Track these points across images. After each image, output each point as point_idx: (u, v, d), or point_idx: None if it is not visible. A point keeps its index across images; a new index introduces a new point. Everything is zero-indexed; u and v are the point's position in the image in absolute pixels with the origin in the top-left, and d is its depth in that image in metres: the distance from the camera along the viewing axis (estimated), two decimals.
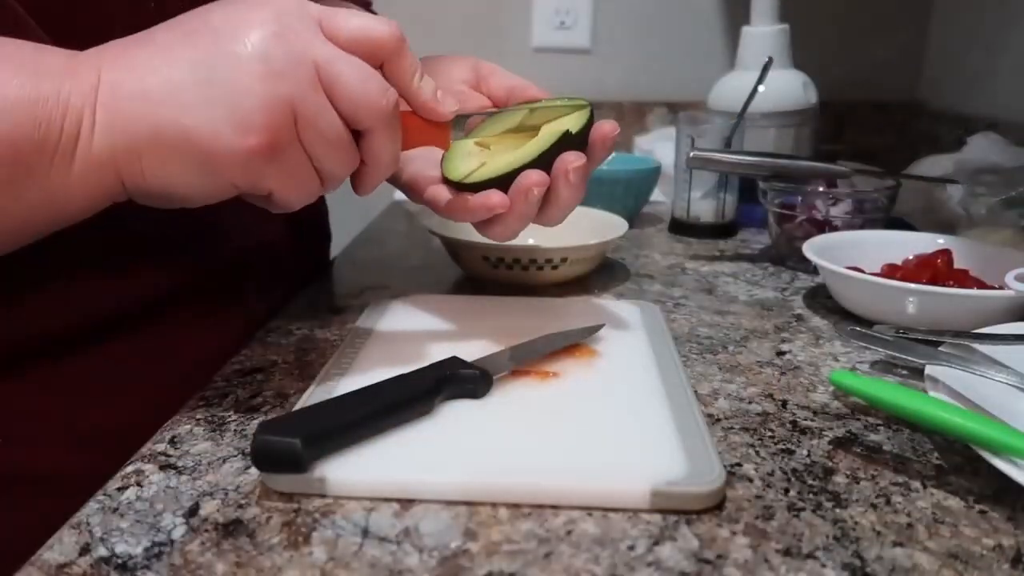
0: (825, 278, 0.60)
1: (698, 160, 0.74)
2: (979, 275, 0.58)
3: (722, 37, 1.23)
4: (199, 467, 0.37)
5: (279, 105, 0.34)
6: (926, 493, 0.35)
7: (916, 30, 1.24)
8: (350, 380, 0.44)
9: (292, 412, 0.39)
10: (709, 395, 0.45)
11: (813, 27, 1.01)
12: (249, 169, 0.35)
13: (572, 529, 0.32)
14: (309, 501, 0.34)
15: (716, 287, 0.66)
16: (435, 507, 0.34)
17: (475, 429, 0.39)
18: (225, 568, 0.30)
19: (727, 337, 0.54)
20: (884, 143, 1.24)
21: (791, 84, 0.87)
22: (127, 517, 0.33)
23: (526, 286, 0.63)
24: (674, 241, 0.83)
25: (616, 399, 0.42)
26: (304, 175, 0.37)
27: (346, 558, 0.30)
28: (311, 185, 0.38)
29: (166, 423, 0.41)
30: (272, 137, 0.34)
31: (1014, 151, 0.78)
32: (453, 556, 0.30)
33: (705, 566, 0.30)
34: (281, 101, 0.34)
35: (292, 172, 0.37)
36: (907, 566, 0.30)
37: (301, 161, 0.37)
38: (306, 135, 0.36)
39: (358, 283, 0.66)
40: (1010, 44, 1.02)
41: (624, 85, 1.25)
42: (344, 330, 0.54)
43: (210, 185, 0.36)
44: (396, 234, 0.87)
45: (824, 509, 0.34)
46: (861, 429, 0.41)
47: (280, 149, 0.35)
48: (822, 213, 0.72)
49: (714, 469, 0.35)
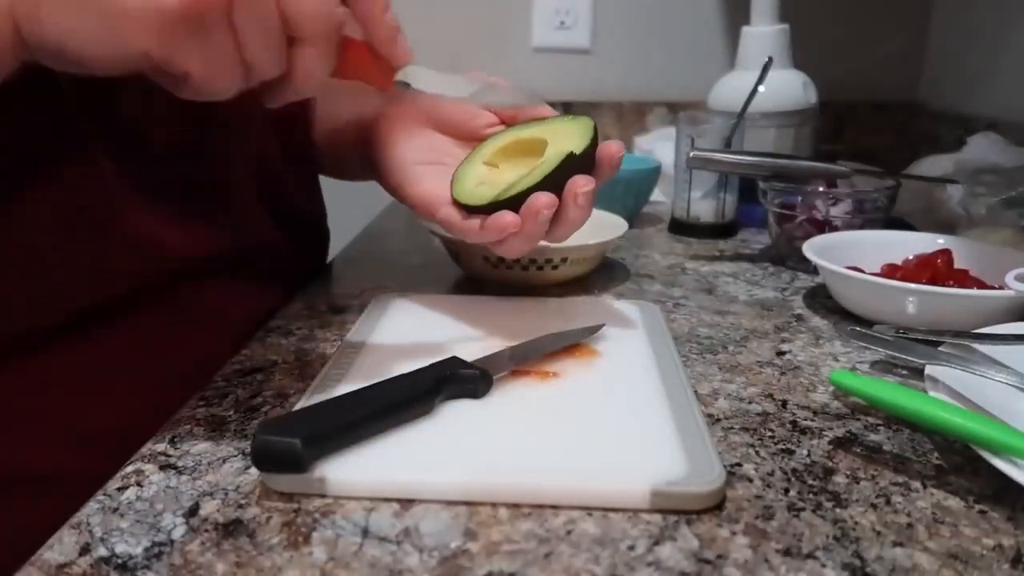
0: (825, 278, 0.60)
1: (698, 160, 0.74)
2: (979, 275, 0.58)
3: (722, 37, 1.23)
4: (199, 467, 0.37)
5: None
6: (926, 493, 0.35)
7: (916, 30, 1.24)
8: (350, 380, 0.44)
9: (292, 412, 0.39)
10: (709, 395, 0.45)
11: (813, 27, 1.01)
12: (166, 35, 0.31)
13: (572, 529, 0.32)
14: (309, 501, 0.34)
15: (716, 287, 0.66)
16: (435, 507, 0.34)
17: (475, 429, 0.39)
18: (225, 568, 0.30)
19: (727, 337, 0.54)
20: (884, 143, 1.25)
21: (791, 84, 0.87)
22: (127, 517, 0.33)
23: (526, 286, 0.63)
24: (674, 241, 0.83)
25: (616, 399, 0.42)
26: (228, 60, 0.33)
27: (346, 558, 0.30)
28: (235, 73, 0.34)
29: (166, 423, 0.41)
30: (194, 4, 0.31)
31: (1014, 151, 0.78)
32: (453, 556, 0.30)
33: (705, 566, 0.30)
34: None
35: (216, 53, 0.33)
36: (907, 566, 0.30)
37: (226, 43, 0.33)
38: (239, 15, 0.32)
39: (358, 283, 0.66)
40: (1010, 44, 1.02)
41: (624, 85, 1.25)
42: (344, 330, 0.54)
43: (115, 45, 0.32)
44: (396, 234, 0.87)
45: (824, 509, 0.34)
46: (861, 429, 0.41)
47: (205, 20, 0.31)
48: (822, 213, 0.72)
49: (714, 469, 0.35)
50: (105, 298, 0.45)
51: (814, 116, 0.88)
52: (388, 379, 0.40)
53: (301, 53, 0.35)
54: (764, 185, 0.75)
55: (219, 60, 0.33)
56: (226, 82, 0.34)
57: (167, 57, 0.32)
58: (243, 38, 0.33)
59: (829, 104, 0.96)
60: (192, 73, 0.33)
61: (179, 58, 0.32)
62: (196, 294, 0.50)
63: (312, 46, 0.35)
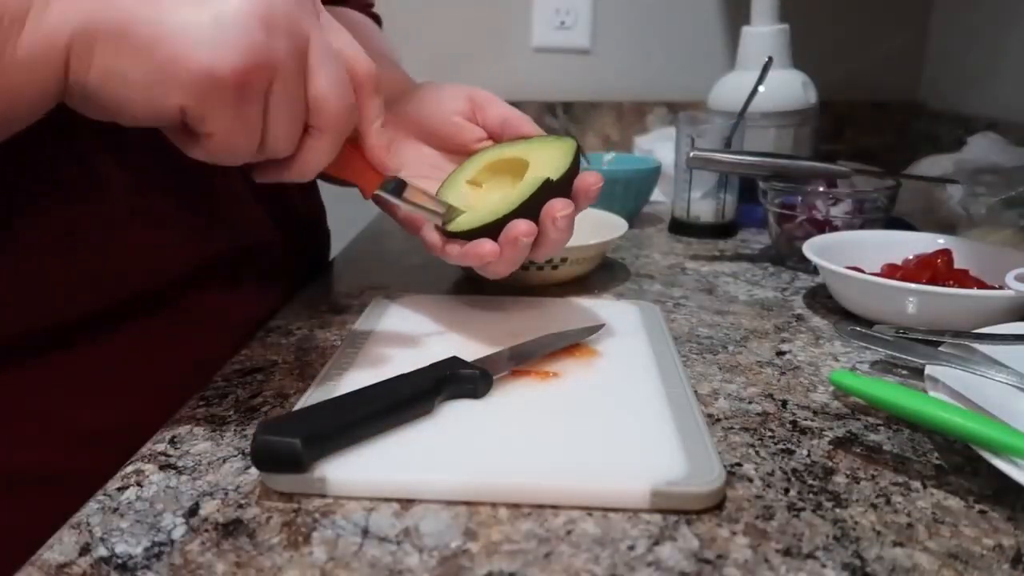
0: (825, 278, 0.60)
1: (698, 160, 0.74)
2: (979, 275, 0.58)
3: (722, 37, 1.23)
4: (199, 467, 0.37)
5: (265, 51, 0.33)
6: (926, 493, 0.35)
7: (916, 30, 1.24)
8: (350, 380, 0.44)
9: (292, 412, 0.39)
10: (709, 395, 0.45)
11: (813, 27, 1.01)
12: (206, 97, 0.33)
13: (572, 529, 0.32)
14: (309, 501, 0.34)
15: (716, 287, 0.66)
16: (435, 507, 0.34)
17: (475, 429, 0.39)
18: (225, 568, 0.30)
19: (727, 337, 0.54)
20: (884, 143, 1.25)
21: (791, 84, 0.87)
22: (127, 517, 0.33)
23: (526, 286, 0.63)
24: (674, 241, 0.83)
25: (616, 399, 0.42)
26: (252, 131, 0.35)
27: (346, 558, 0.30)
28: (251, 146, 0.36)
29: (166, 423, 0.41)
30: (246, 75, 0.33)
31: (1014, 151, 0.78)
32: (453, 556, 0.30)
33: (705, 566, 0.30)
34: (268, 48, 0.33)
35: (243, 123, 0.34)
36: (907, 566, 0.30)
37: (256, 117, 0.35)
38: (274, 96, 0.35)
39: (358, 283, 0.66)
40: (1010, 44, 1.02)
41: (624, 85, 1.25)
42: (344, 330, 0.54)
43: (156, 101, 0.33)
44: (396, 234, 0.87)
45: (824, 509, 0.34)
46: (861, 429, 0.41)
47: (246, 92, 0.33)
48: (822, 213, 0.72)
49: (714, 469, 0.35)
50: (105, 303, 0.45)
51: (814, 116, 0.88)
52: (388, 379, 0.40)
53: (313, 141, 0.37)
54: (764, 185, 0.75)
55: (245, 129, 0.35)
56: (242, 150, 0.36)
57: (199, 118, 0.34)
58: (271, 115, 0.35)
59: (829, 104, 0.96)
60: (216, 135, 0.35)
61: (210, 120, 0.34)
62: (196, 295, 0.50)
63: (325, 139, 0.37)
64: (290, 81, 0.35)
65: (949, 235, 0.66)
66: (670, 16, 1.23)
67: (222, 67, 0.32)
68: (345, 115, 0.37)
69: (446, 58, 1.22)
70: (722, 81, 0.91)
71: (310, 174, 0.39)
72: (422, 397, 0.39)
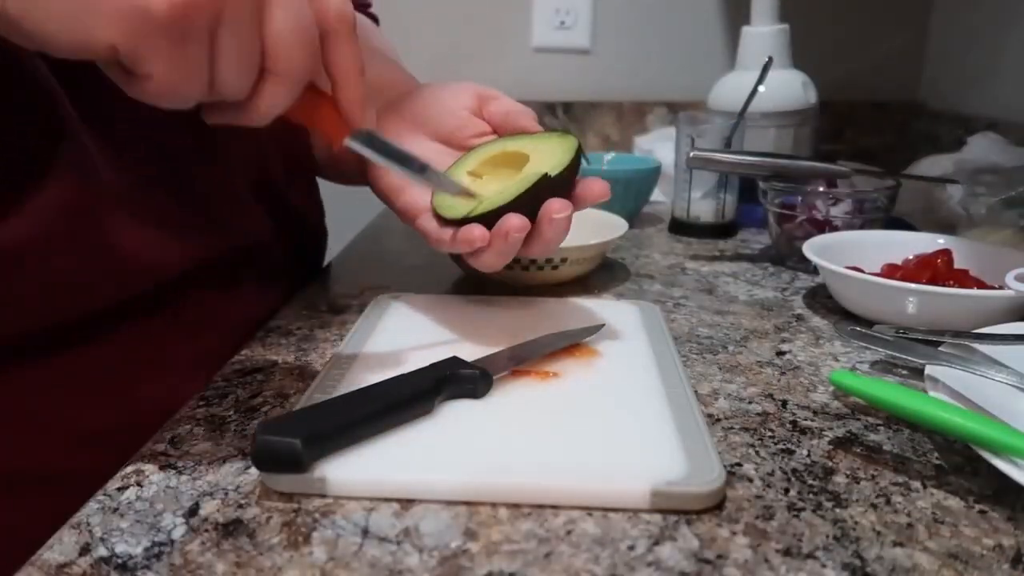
0: (825, 278, 0.60)
1: (698, 160, 0.74)
2: (979, 275, 0.58)
3: (722, 37, 1.23)
4: (199, 467, 0.37)
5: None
6: (926, 493, 0.35)
7: (916, 30, 1.24)
8: (350, 380, 0.44)
9: (292, 412, 0.39)
10: (709, 395, 0.45)
11: (813, 27, 1.01)
12: (139, 34, 0.29)
13: (572, 529, 0.32)
14: (309, 501, 0.34)
15: (716, 287, 0.66)
16: (435, 507, 0.34)
17: (475, 429, 0.39)
18: (225, 568, 0.30)
19: (727, 337, 0.54)
20: (884, 143, 1.25)
21: (791, 84, 0.87)
22: (127, 517, 0.33)
23: (526, 286, 0.63)
24: (674, 241, 0.83)
25: (616, 399, 0.42)
26: (196, 74, 0.32)
27: (346, 558, 0.30)
28: (195, 90, 0.32)
29: (166, 423, 0.41)
30: (184, 11, 0.29)
31: (1014, 151, 0.78)
32: (453, 556, 0.30)
33: (705, 566, 0.30)
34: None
35: (185, 64, 0.31)
36: (907, 566, 0.30)
37: (200, 56, 0.31)
38: (222, 35, 0.31)
39: (358, 283, 0.66)
40: (1010, 44, 1.02)
41: (624, 85, 1.25)
42: (344, 330, 0.54)
43: (81, 32, 0.29)
44: (396, 234, 0.87)
45: (824, 509, 0.34)
46: (861, 429, 0.41)
47: (186, 31, 0.30)
48: (822, 213, 0.72)
49: (714, 469, 0.35)
50: (105, 304, 0.45)
51: (814, 116, 0.88)
52: (388, 379, 0.40)
53: (268, 86, 0.34)
54: (764, 185, 0.75)
55: (187, 70, 0.31)
56: (186, 92, 0.32)
57: (134, 56, 0.30)
58: (219, 56, 0.32)
59: (829, 104, 0.96)
60: (155, 76, 0.31)
61: (147, 59, 0.30)
62: (196, 295, 0.50)
63: (281, 83, 0.34)
64: (240, 19, 0.31)
65: (949, 235, 0.66)
66: (670, 16, 1.23)
67: (152, 4, 0.29)
68: (303, 60, 0.34)
69: (446, 58, 1.22)
70: (722, 81, 0.91)
71: (264, 119, 0.36)
72: (422, 397, 0.39)
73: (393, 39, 0.78)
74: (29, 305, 0.43)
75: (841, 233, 0.69)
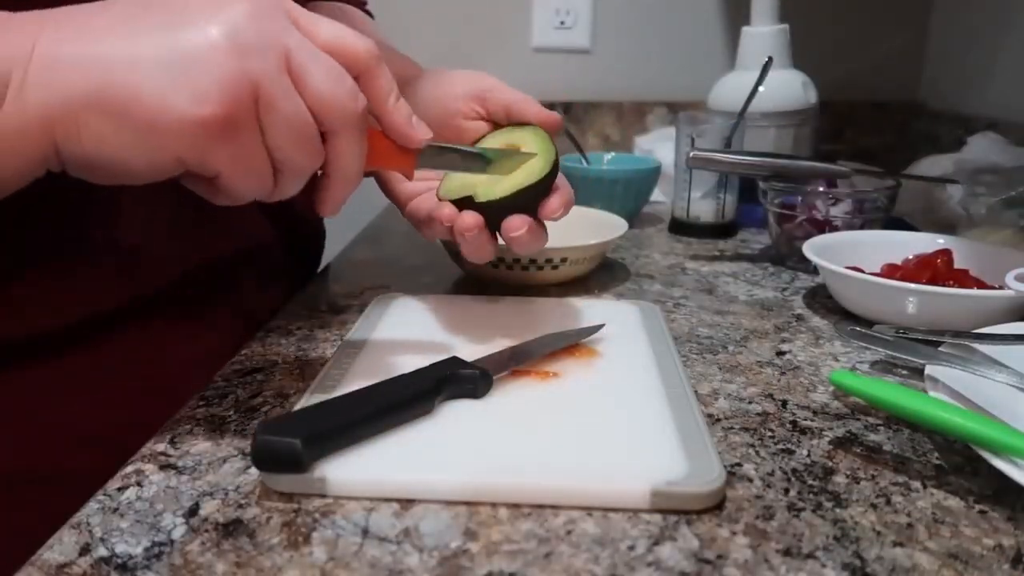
0: (825, 278, 0.60)
1: (698, 160, 0.74)
2: (979, 275, 0.58)
3: (722, 37, 1.23)
4: (199, 467, 0.37)
5: (241, 79, 0.32)
6: (926, 493, 0.35)
7: (916, 30, 1.24)
8: (350, 380, 0.44)
9: (292, 412, 0.39)
10: (709, 395, 0.45)
11: (813, 27, 1.01)
12: (198, 142, 0.32)
13: (572, 529, 0.32)
14: (309, 501, 0.34)
15: (716, 287, 0.66)
16: (435, 507, 0.34)
17: (475, 429, 0.39)
18: (225, 568, 0.30)
19: (727, 337, 0.54)
20: (884, 143, 1.25)
21: (791, 84, 0.87)
22: (127, 517, 0.33)
23: (526, 286, 0.63)
24: (674, 241, 0.83)
25: (616, 399, 0.42)
26: (258, 162, 0.34)
27: (346, 558, 0.30)
28: (264, 175, 0.35)
29: (166, 423, 0.41)
30: (228, 110, 0.32)
31: (1014, 151, 0.78)
32: (453, 556, 0.30)
33: (705, 566, 0.30)
34: (244, 76, 0.32)
35: (245, 156, 0.34)
36: (907, 566, 0.30)
37: (256, 146, 0.34)
38: (267, 118, 0.33)
39: (358, 283, 0.66)
40: (1010, 44, 1.02)
41: (624, 85, 1.25)
42: (344, 330, 0.54)
43: (152, 157, 0.33)
44: (396, 234, 0.87)
45: (824, 509, 0.34)
46: (861, 429, 0.41)
47: (235, 126, 0.32)
48: (822, 213, 0.72)
49: (714, 469, 0.35)
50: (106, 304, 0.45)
51: (814, 116, 0.88)
52: (388, 379, 0.40)
53: (334, 146, 0.36)
54: (764, 185, 0.75)
55: (247, 162, 0.34)
56: (255, 180, 0.35)
57: (200, 161, 0.33)
58: (272, 139, 0.34)
59: (829, 104, 0.96)
60: (224, 175, 0.34)
61: (209, 161, 0.33)
62: (195, 296, 0.50)
63: (343, 136, 0.36)
64: (278, 97, 0.33)
65: (949, 235, 0.66)
66: (670, 16, 1.23)
67: (202, 112, 0.32)
68: (351, 106, 0.35)
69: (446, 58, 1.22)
70: (722, 81, 0.91)
71: (356, 177, 0.38)
72: (422, 397, 0.39)
73: (393, 39, 0.78)
74: (30, 306, 0.43)
75: (841, 233, 0.69)
